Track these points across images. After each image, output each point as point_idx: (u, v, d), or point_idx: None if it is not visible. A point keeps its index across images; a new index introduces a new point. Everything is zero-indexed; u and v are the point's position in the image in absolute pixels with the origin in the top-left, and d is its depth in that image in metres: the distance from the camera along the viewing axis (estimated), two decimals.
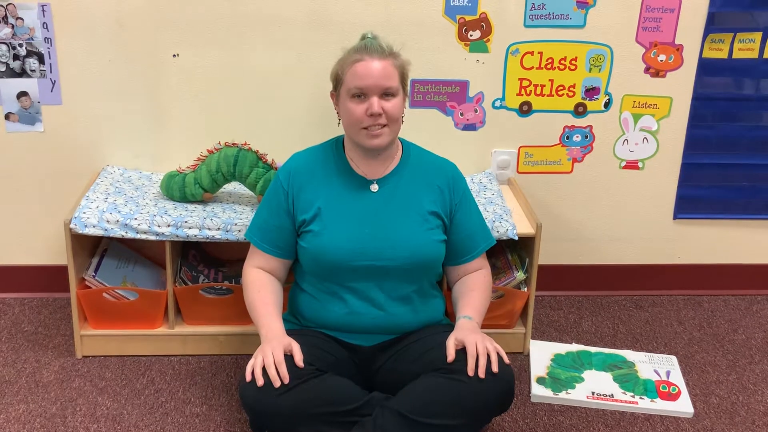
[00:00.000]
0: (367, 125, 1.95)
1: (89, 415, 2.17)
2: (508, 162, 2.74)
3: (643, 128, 2.73)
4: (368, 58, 1.94)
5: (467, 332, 1.91)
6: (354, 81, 1.94)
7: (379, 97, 1.94)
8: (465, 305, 2.06)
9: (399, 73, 1.98)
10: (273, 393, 1.81)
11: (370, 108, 1.93)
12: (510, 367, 1.89)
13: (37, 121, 2.57)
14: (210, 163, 2.40)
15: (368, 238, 2.00)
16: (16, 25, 2.46)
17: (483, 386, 1.83)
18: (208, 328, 2.46)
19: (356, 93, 1.94)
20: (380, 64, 1.94)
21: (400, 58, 2.00)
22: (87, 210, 2.31)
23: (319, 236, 2.01)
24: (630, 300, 2.90)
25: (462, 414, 1.84)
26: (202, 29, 2.51)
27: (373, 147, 1.99)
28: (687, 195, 2.83)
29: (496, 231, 2.35)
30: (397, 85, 1.96)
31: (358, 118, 1.95)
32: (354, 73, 1.94)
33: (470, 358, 1.84)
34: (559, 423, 2.21)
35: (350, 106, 1.96)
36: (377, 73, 1.93)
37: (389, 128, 1.97)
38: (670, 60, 2.64)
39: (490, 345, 1.87)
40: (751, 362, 2.53)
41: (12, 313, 2.67)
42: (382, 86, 1.93)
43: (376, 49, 1.96)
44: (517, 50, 2.60)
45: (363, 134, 1.97)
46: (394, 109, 1.96)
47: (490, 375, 1.83)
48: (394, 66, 1.96)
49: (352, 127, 1.99)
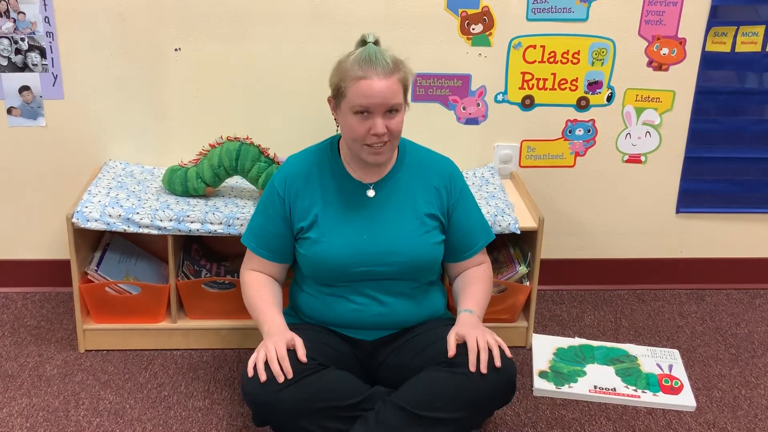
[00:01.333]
0: (370, 143, 1.91)
1: (92, 409, 2.17)
2: (510, 156, 2.73)
3: (646, 122, 2.72)
4: (374, 76, 1.85)
5: (468, 327, 1.91)
6: (358, 99, 1.87)
7: (382, 115, 1.88)
8: (466, 299, 2.06)
9: (402, 87, 1.91)
10: (275, 387, 1.81)
11: (374, 128, 1.87)
12: (512, 361, 1.89)
13: (39, 116, 2.57)
14: (212, 157, 2.40)
15: (366, 244, 1.99)
16: (18, 19, 2.46)
17: (484, 380, 1.83)
18: (211, 322, 2.46)
19: (359, 110, 1.88)
20: (386, 83, 1.86)
21: (404, 70, 1.92)
22: (89, 204, 2.31)
23: (317, 244, 2.00)
24: (632, 294, 2.90)
25: (464, 407, 1.84)
26: (203, 23, 2.50)
27: (374, 163, 1.96)
28: (690, 189, 2.82)
29: (498, 225, 2.34)
30: (400, 101, 1.90)
31: (360, 136, 1.90)
32: (358, 91, 1.86)
33: (471, 354, 1.84)
34: (561, 417, 2.21)
35: (353, 122, 1.90)
36: (382, 93, 1.86)
37: (391, 143, 1.93)
38: (673, 53, 2.63)
39: (491, 339, 1.87)
40: (753, 356, 2.53)
41: (15, 308, 2.67)
42: (387, 105, 1.87)
43: (381, 64, 1.86)
44: (520, 44, 2.59)
45: (365, 150, 1.93)
46: (398, 125, 1.91)
47: (492, 369, 1.83)
48: (399, 81, 1.89)
49: (354, 142, 1.94)
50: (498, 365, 1.83)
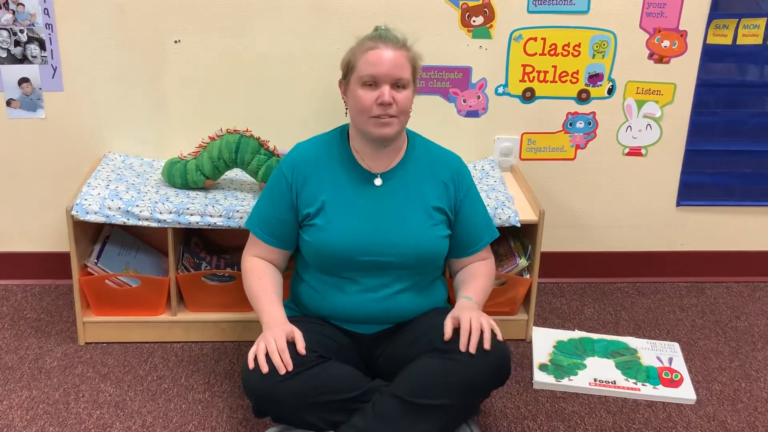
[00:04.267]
0: (377, 114, 1.92)
1: (92, 401, 2.17)
2: (510, 149, 2.73)
3: (647, 115, 2.72)
4: (383, 46, 1.91)
5: (463, 310, 1.91)
6: (366, 68, 1.91)
7: (390, 87, 1.91)
8: (466, 289, 2.06)
9: (411, 66, 1.95)
10: (275, 380, 1.81)
11: (381, 96, 1.90)
12: (504, 344, 1.89)
13: (39, 108, 2.57)
14: (212, 149, 2.39)
15: (372, 233, 1.99)
16: (17, 11, 2.45)
17: (476, 363, 1.83)
18: (211, 314, 2.46)
19: (368, 81, 1.92)
20: (394, 54, 1.91)
21: (413, 51, 1.98)
22: (89, 197, 2.31)
23: (323, 231, 2.00)
24: (632, 287, 2.90)
25: (458, 392, 1.84)
26: (203, 15, 2.50)
27: (381, 136, 1.96)
28: (690, 182, 2.82)
29: (499, 218, 2.34)
30: (408, 76, 1.94)
31: (367, 106, 1.92)
32: (367, 60, 1.91)
33: (463, 334, 1.84)
34: (561, 410, 2.21)
35: (360, 93, 1.93)
36: (390, 63, 1.91)
37: (398, 119, 1.95)
38: (674, 46, 2.63)
39: (485, 322, 1.87)
40: (753, 349, 2.53)
41: (15, 300, 2.67)
42: (394, 76, 1.91)
43: (391, 39, 1.94)
44: (520, 36, 2.59)
45: (371, 123, 1.94)
46: (404, 101, 1.93)
47: (482, 352, 1.84)
48: (407, 58, 1.94)
49: (360, 115, 1.95)
50: (487, 347, 1.83)
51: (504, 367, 1.90)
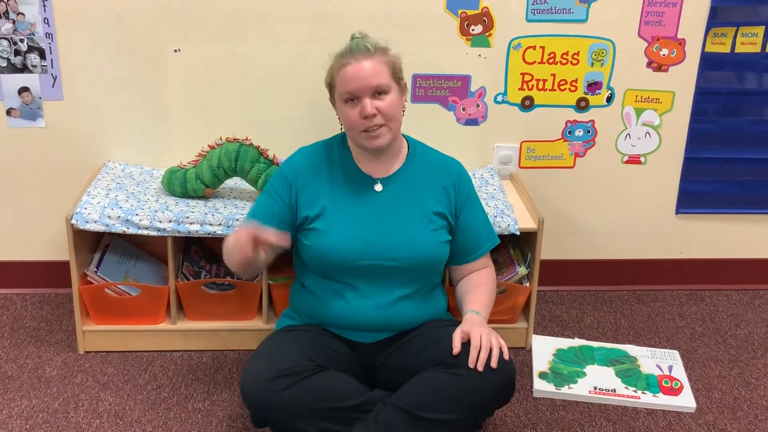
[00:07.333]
0: (365, 128, 1.93)
1: (92, 410, 2.17)
2: (510, 157, 2.73)
3: (646, 123, 2.72)
4: (353, 61, 1.91)
5: (474, 325, 1.91)
6: (343, 86, 1.92)
7: (371, 97, 1.91)
8: (472, 301, 2.06)
9: (390, 69, 1.94)
10: (275, 389, 1.81)
11: (363, 110, 1.91)
12: (511, 362, 1.89)
13: (39, 117, 2.57)
14: (211, 158, 2.40)
15: (372, 238, 1.99)
16: (17, 20, 2.46)
17: (483, 381, 1.83)
18: (210, 323, 2.46)
19: (348, 98, 1.93)
20: (367, 64, 1.90)
21: (389, 53, 1.96)
22: (88, 206, 2.31)
23: (323, 235, 2.00)
24: (632, 295, 2.90)
25: (463, 408, 1.84)
26: (203, 24, 2.50)
27: (374, 148, 1.97)
28: (689, 189, 2.82)
29: (498, 226, 2.34)
30: (387, 81, 1.93)
31: (355, 122, 1.93)
32: (342, 78, 1.92)
33: (473, 350, 1.84)
34: (561, 418, 2.21)
35: (346, 111, 1.94)
36: (365, 74, 1.90)
37: (387, 127, 1.95)
38: (673, 54, 2.63)
39: (494, 339, 1.87)
40: (753, 357, 2.53)
41: (14, 309, 2.67)
42: (371, 86, 1.90)
43: (361, 49, 1.92)
44: (519, 45, 2.59)
45: (363, 137, 1.95)
46: (388, 107, 1.93)
47: (489, 369, 1.83)
48: (383, 63, 1.93)
49: (351, 131, 1.98)
50: (494, 366, 1.83)
51: (510, 386, 1.90)
